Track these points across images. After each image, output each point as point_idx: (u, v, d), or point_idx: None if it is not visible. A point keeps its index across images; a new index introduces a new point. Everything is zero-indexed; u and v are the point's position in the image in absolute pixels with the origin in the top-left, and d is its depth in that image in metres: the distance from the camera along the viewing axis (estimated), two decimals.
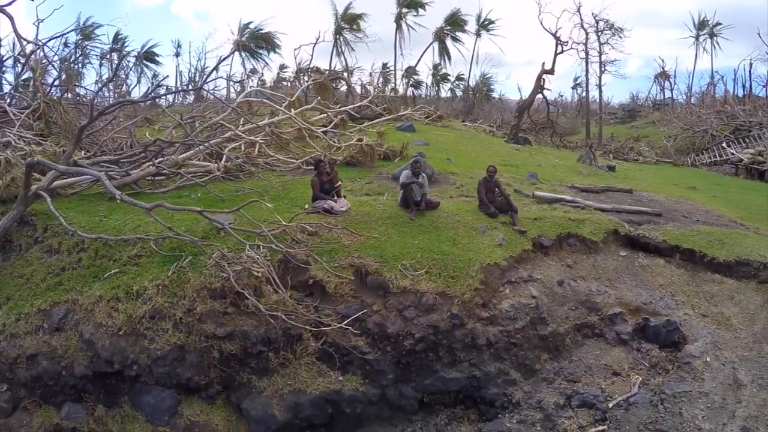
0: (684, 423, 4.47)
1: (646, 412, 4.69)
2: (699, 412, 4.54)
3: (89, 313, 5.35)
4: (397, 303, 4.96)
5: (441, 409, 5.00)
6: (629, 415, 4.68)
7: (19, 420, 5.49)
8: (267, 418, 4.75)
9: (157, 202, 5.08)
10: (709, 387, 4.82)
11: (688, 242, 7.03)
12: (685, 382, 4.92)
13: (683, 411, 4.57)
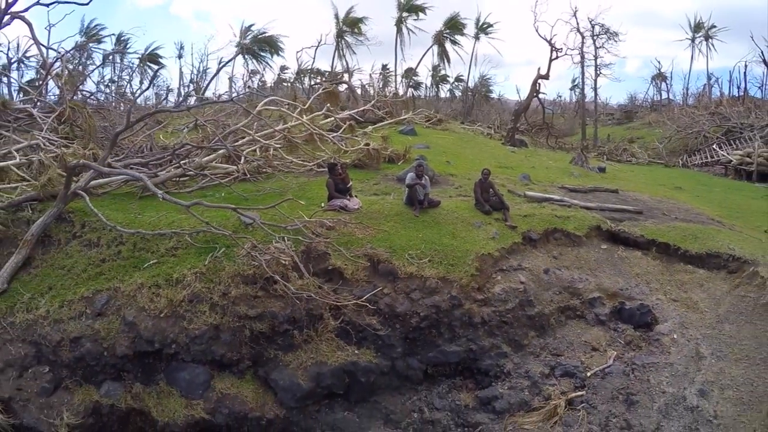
0: (651, 388, 5.30)
1: (619, 380, 5.52)
2: (664, 378, 5.37)
3: (131, 298, 6.14)
4: (405, 287, 5.81)
5: (443, 379, 5.84)
6: (605, 383, 5.52)
7: (60, 398, 6.16)
8: (293, 386, 5.58)
9: (195, 200, 5.91)
10: (675, 359, 5.65)
11: (664, 237, 7.89)
12: (654, 355, 5.76)
13: (650, 378, 5.41)
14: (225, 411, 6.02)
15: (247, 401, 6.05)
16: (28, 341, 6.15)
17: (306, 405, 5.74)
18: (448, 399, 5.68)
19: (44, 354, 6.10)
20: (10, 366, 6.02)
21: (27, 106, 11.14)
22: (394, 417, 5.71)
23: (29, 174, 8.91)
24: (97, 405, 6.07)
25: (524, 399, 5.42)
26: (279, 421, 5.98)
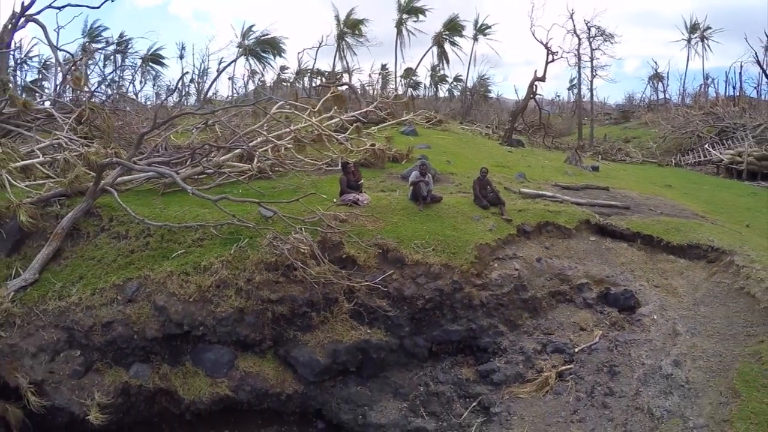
0: (631, 360, 6.01)
1: (604, 355, 6.23)
2: (643, 352, 6.08)
3: (161, 285, 6.77)
4: (411, 272, 6.51)
5: (446, 356, 6.54)
6: (591, 357, 6.23)
7: (90, 380, 6.66)
8: (312, 362, 6.26)
9: (221, 195, 6.59)
10: (653, 336, 6.37)
11: (649, 230, 8.63)
12: (635, 333, 6.48)
13: (631, 352, 6.12)
14: (247, 388, 6.70)
15: (268, 378, 6.73)
16: (60, 327, 6.64)
17: (323, 380, 6.44)
18: (450, 374, 6.38)
19: (76, 339, 6.62)
20: (42, 351, 6.52)
21: (47, 107, 11.79)
22: (403, 390, 6.41)
23: (53, 171, 9.56)
24: (126, 386, 6.62)
25: (519, 372, 6.12)
26: (297, 396, 6.67)
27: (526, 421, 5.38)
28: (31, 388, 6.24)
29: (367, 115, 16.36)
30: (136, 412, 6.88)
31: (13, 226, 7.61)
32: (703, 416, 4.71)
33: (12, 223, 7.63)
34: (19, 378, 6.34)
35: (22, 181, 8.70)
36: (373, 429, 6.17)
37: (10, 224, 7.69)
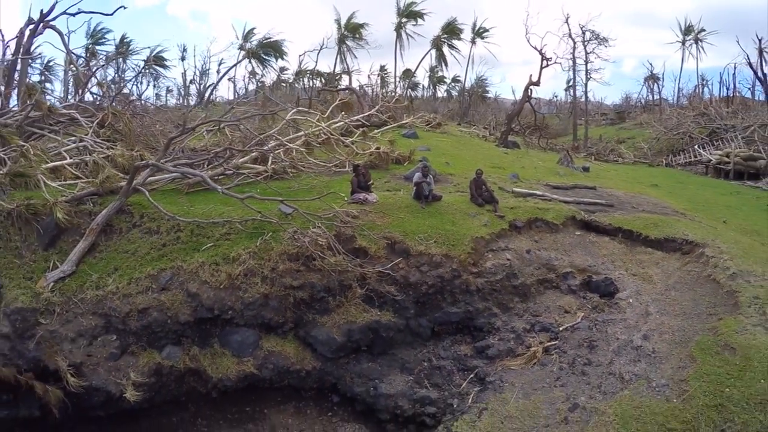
0: (608, 336, 6.98)
1: (585, 333, 7.20)
2: (618, 329, 7.06)
3: (194, 274, 7.67)
4: (416, 262, 7.48)
5: (446, 335, 7.50)
6: (573, 335, 7.20)
7: (126, 362, 7.34)
8: (330, 340, 7.21)
9: (248, 194, 7.54)
10: (628, 316, 7.34)
11: (629, 225, 9.62)
12: (613, 314, 7.45)
13: (608, 330, 7.09)
14: (270, 366, 7.60)
15: (289, 357, 7.65)
16: (98, 314, 7.35)
17: (338, 357, 7.38)
18: (450, 350, 7.34)
19: (113, 324, 7.34)
20: (81, 336, 7.23)
21: (70, 111, 12.67)
22: (409, 365, 7.37)
23: (81, 172, 10.45)
24: (159, 366, 7.38)
25: (510, 348, 7.08)
26: (315, 372, 7.60)
27: (516, 387, 6.33)
28: (70, 370, 6.94)
29: (370, 119, 17.33)
30: (167, 392, 7.73)
31: (50, 223, 8.29)
32: (665, 378, 5.68)
33: (48, 220, 8.31)
34: (58, 361, 7.04)
35: (53, 182, 9.62)
36: (383, 399, 7.12)
37: (47, 221, 8.37)
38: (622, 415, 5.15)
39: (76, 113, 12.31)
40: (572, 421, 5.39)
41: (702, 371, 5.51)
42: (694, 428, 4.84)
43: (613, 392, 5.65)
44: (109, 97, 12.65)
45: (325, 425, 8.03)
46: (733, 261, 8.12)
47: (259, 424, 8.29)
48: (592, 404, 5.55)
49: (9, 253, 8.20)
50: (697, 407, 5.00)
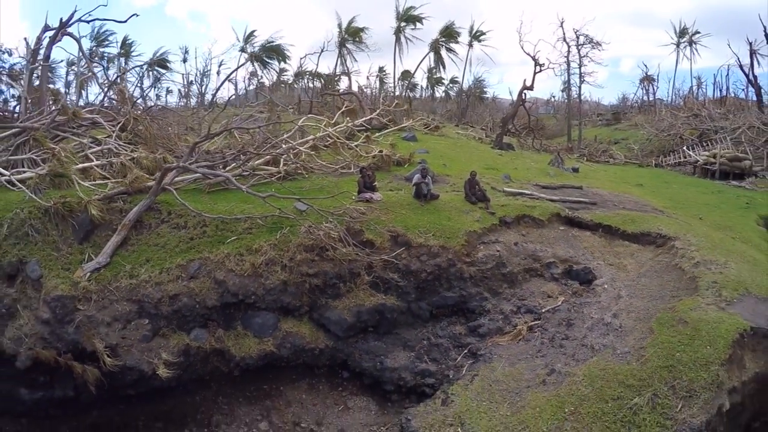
0: (583, 316, 8.11)
1: (564, 313, 8.33)
2: (593, 310, 8.18)
3: (220, 264, 8.74)
4: (416, 252, 8.61)
5: (443, 317, 8.62)
6: (554, 315, 8.33)
7: (157, 343, 8.23)
8: (341, 321, 8.32)
9: (269, 193, 8.64)
10: (602, 299, 8.47)
11: (609, 221, 10.77)
12: (589, 298, 8.58)
13: (584, 311, 8.22)
14: (288, 345, 8.69)
15: (304, 337, 8.75)
16: (131, 300, 8.18)
17: (348, 336, 8.49)
18: (447, 330, 8.47)
19: (145, 309, 8.17)
20: (116, 320, 8.07)
21: (94, 116, 13.72)
22: (410, 343, 8.49)
23: (108, 173, 11.50)
24: (187, 347, 8.31)
25: (499, 327, 8.21)
26: (328, 350, 8.71)
27: (503, 358, 7.44)
28: (107, 351, 7.75)
29: (371, 122, 18.47)
30: (193, 370, 8.75)
31: (84, 219, 9.10)
32: (628, 347, 6.80)
33: (83, 217, 9.09)
34: (96, 343, 7.85)
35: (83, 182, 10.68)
36: (388, 372, 8.24)
37: (82, 217, 9.15)
38: (589, 376, 6.27)
39: (99, 117, 13.38)
40: (549, 382, 6.51)
41: (658, 340, 6.63)
42: (649, 384, 5.96)
43: (584, 359, 6.77)
44: (129, 103, 13.68)
45: (336, 399, 9.15)
46: (699, 252, 9.27)
47: (276, 400, 9.38)
48: (566, 369, 6.67)
49: (47, 246, 9.17)
50: (652, 368, 6.12)
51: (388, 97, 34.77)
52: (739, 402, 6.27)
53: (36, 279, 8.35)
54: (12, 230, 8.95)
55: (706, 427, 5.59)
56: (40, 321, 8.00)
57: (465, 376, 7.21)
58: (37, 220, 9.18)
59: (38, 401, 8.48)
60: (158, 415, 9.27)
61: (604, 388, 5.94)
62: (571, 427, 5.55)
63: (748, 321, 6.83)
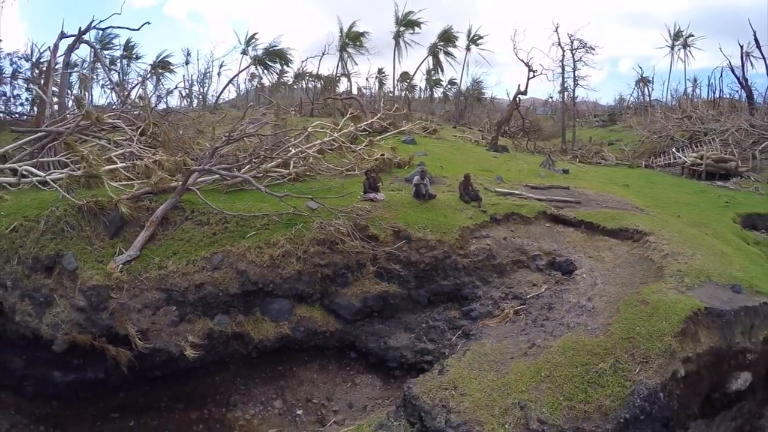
0: (563, 301, 9.31)
1: (546, 299, 9.53)
2: (571, 296, 9.38)
3: (242, 256, 9.90)
4: (416, 245, 9.82)
5: (439, 303, 9.84)
6: (537, 301, 9.53)
7: (184, 328, 9.27)
8: (349, 306, 9.51)
9: (285, 192, 9.86)
10: (580, 286, 9.68)
11: (591, 218, 11.99)
12: (569, 285, 9.80)
13: (563, 296, 9.43)
14: (302, 328, 9.88)
15: (316, 321, 9.95)
16: (160, 289, 9.16)
17: (356, 320, 9.69)
18: (443, 314, 9.69)
19: (173, 297, 9.17)
20: (146, 307, 9.05)
21: (115, 121, 14.92)
22: (411, 326, 9.70)
23: (132, 174, 12.69)
24: (210, 331, 9.38)
25: (489, 311, 9.42)
26: (337, 332, 9.91)
27: (492, 336, 8.64)
28: (138, 335, 8.66)
29: (373, 125, 19.71)
30: (215, 353, 9.91)
31: (115, 216, 10.17)
32: (597, 324, 8.00)
33: (114, 214, 10.14)
34: (128, 328, 8.77)
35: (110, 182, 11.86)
36: (391, 351, 9.46)
37: (112, 215, 10.18)
38: (563, 347, 7.47)
39: (121, 122, 14.60)
40: (530, 354, 7.70)
41: (622, 318, 7.83)
42: (612, 353, 7.14)
43: (560, 335, 7.96)
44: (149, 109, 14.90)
45: (344, 377, 10.36)
46: (670, 245, 10.50)
47: (289, 380, 10.58)
48: (544, 343, 7.87)
49: (81, 241, 10.31)
50: (615, 340, 7.32)
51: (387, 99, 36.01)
52: (695, 371, 7.44)
53: (72, 270, 9.39)
54: (49, 226, 10.06)
55: (661, 389, 6.78)
56: (76, 308, 9.00)
57: (458, 351, 8.40)
58: (71, 217, 10.28)
59: (70, 383, 9.48)
60: (180, 397, 10.41)
61: (574, 356, 7.14)
62: (546, 387, 6.75)
63: (704, 303, 8.03)
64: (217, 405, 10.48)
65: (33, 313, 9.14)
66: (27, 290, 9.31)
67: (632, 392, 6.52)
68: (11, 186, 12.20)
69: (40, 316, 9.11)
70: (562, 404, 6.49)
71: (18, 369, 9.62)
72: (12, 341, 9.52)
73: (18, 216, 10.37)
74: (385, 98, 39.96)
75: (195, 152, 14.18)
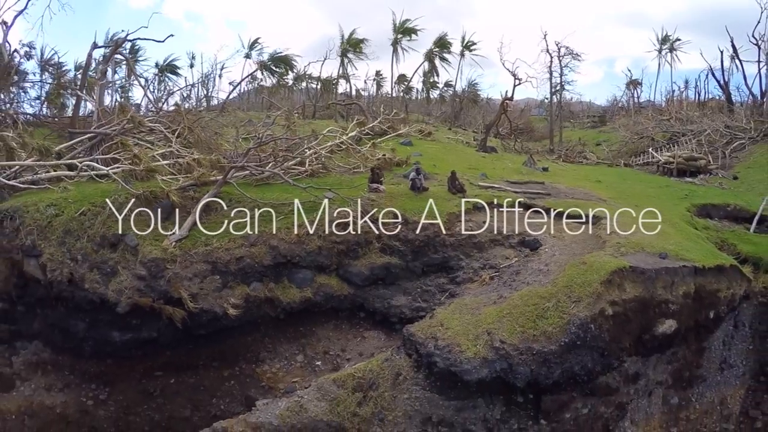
0: (527, 268, 12.16)
1: (515, 267, 12.43)
2: (534, 264, 12.24)
3: (274, 235, 12.79)
4: (412, 227, 12.75)
5: (431, 273, 12.77)
6: (509, 269, 12.42)
7: (226, 293, 11.50)
8: (359, 274, 12.41)
9: (308, 185, 12.79)
10: (542, 258, 12.57)
11: (557, 206, 14.90)
12: (534, 257, 12.73)
13: (528, 265, 12.32)
14: (321, 293, 12.73)
15: (333, 287, 12.82)
16: (207, 261, 11.44)
17: (365, 285, 12.59)
18: (434, 281, 12.61)
19: (218, 268, 11.50)
20: (195, 276, 11.36)
21: (154, 125, 17.82)
22: (408, 290, 12.62)
23: (174, 170, 15.53)
24: (247, 295, 11.71)
25: (470, 277, 12.34)
26: (349, 296, 12.78)
27: (471, 294, 11.54)
28: (189, 298, 10.88)
29: (374, 129, 22.71)
30: (250, 314, 12.53)
31: (167, 204, 12.46)
32: (548, 280, 10.89)
33: (166, 202, 12.47)
34: (181, 292, 11.05)
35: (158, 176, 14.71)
36: (393, 309, 12.37)
37: (165, 202, 12.50)
38: (521, 295, 10.34)
39: (159, 126, 17.53)
40: (498, 302, 10.56)
41: (566, 274, 10.67)
42: (555, 296, 9.98)
43: (520, 289, 10.92)
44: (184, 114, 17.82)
45: (355, 333, 13.26)
46: (616, 226, 13.49)
47: (309, 338, 13.44)
48: (509, 295, 10.76)
49: (140, 223, 12.98)
50: (558, 287, 10.16)
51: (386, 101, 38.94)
52: (622, 312, 10.09)
53: (133, 247, 11.78)
54: (112, 211, 12.95)
55: (591, 321, 9.58)
56: (137, 277, 11.38)
57: (445, 304, 11.35)
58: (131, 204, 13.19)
59: (126, 342, 11.77)
60: (215, 356, 13.26)
61: (528, 300, 10.03)
62: (506, 321, 9.63)
63: (630, 263, 10.92)
64: (248, 362, 13.31)
65: (100, 281, 11.45)
66: (95, 263, 11.68)
67: (568, 322, 9.41)
68: (69, 179, 15.01)
69: (106, 284, 11.42)
70: (517, 330, 9.41)
71: (80, 331, 11.91)
72: (79, 306, 11.75)
73: (84, 202, 13.16)
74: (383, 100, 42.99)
75: (221, 151, 17.11)
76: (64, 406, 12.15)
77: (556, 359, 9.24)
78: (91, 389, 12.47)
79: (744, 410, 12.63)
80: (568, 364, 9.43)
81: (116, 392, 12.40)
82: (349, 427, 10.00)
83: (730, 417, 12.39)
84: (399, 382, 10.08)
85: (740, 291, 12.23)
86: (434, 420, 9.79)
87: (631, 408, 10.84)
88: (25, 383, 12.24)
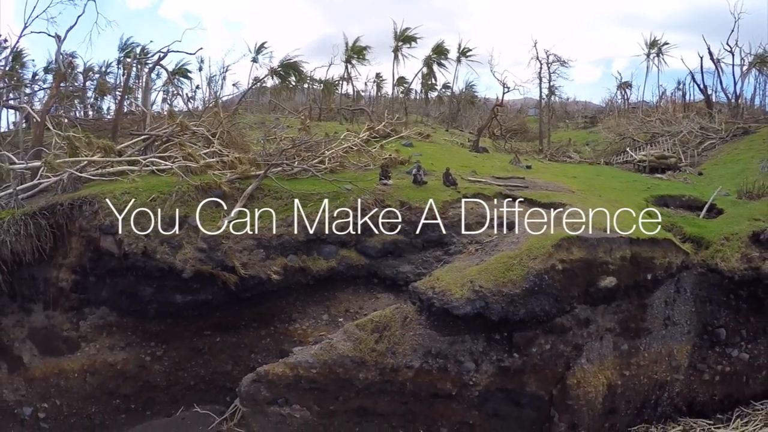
0: (504, 241, 16.39)
1: (495, 242, 16.63)
2: (510, 239, 16.49)
3: (307, 217, 17.04)
4: (414, 211, 17.01)
5: (430, 247, 17.01)
6: (491, 243, 16.60)
7: (268, 263, 14.75)
8: (373, 248, 16.59)
9: (335, 178, 17.03)
10: (517, 234, 16.87)
11: (532, 196, 19.16)
12: (510, 234, 17.00)
13: (505, 239, 16.53)
14: (343, 264, 16.87)
15: (352, 258, 17.00)
16: (253, 238, 14.65)
17: (378, 257, 16.79)
18: (432, 254, 16.82)
19: (262, 243, 14.85)
20: (245, 249, 14.45)
21: (195, 128, 21.97)
22: (412, 261, 16.82)
23: (218, 166, 19.70)
24: (285, 265, 15.01)
25: (460, 249, 16.53)
26: (365, 266, 16.91)
27: (460, 261, 15.78)
28: (240, 266, 14.23)
29: (379, 132, 26.99)
30: (286, 281, 16.63)
31: (219, 193, 15.84)
32: (516, 247, 15.14)
33: (218, 191, 15.84)
34: (234, 262, 14.40)
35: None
36: (400, 275, 16.55)
37: (217, 192, 15.93)
38: (496, 258, 14.56)
39: (202, 129, 21.71)
40: (479, 264, 14.75)
41: (529, 242, 14.85)
42: (519, 256, 14.16)
43: (497, 254, 15.14)
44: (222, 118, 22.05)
45: (370, 295, 17.47)
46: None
47: (332, 301, 17.57)
48: (488, 259, 15.00)
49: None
50: (521, 251, 14.27)
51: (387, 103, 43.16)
52: (570, 269, 14.32)
53: (194, 226, 14.80)
54: (177, 198, 16.88)
55: (545, 273, 13.78)
56: (198, 249, 14.53)
57: (440, 269, 15.59)
58: (191, 193, 17.32)
59: (186, 303, 14.45)
60: (254, 318, 17.26)
61: (500, 260, 14.22)
62: (484, 274, 13.82)
63: (577, 234, 15.12)
64: (282, 322, 17.39)
65: (169, 253, 14.15)
66: (165, 238, 14.30)
67: (527, 272, 13.60)
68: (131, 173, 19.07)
69: (173, 255, 14.15)
70: (491, 279, 13.63)
71: (147, 296, 14.41)
72: (149, 274, 14.19)
73: (153, 191, 17.20)
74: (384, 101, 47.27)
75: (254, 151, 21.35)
76: (125, 362, 14.66)
77: (521, 300, 13.35)
78: (150, 346, 14.91)
79: (692, 364, 15.14)
80: (530, 305, 13.48)
81: (171, 349, 15.11)
82: (368, 359, 14.06)
83: (679, 368, 14.37)
84: (406, 323, 14.24)
85: (677, 260, 15.75)
86: (433, 352, 13.92)
87: (587, 348, 14.56)
88: (90, 344, 14.60)
